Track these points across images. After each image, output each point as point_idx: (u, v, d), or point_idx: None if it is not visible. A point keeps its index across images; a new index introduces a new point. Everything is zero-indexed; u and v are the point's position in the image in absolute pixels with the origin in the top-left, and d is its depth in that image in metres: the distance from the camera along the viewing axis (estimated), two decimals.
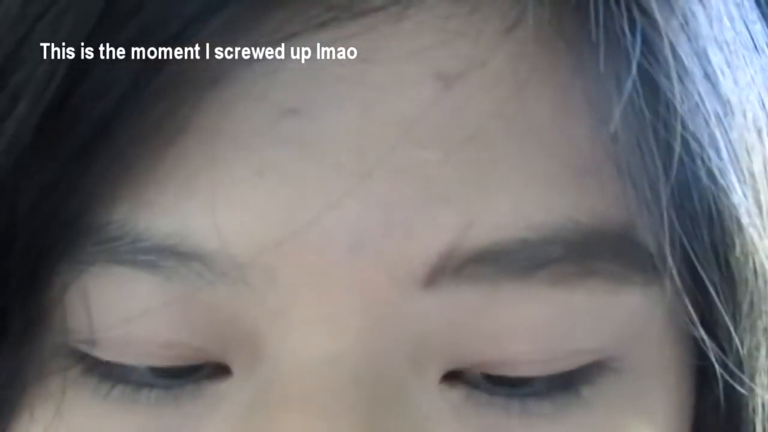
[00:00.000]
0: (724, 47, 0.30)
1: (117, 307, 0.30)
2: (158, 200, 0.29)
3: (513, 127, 0.29)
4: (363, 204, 0.28)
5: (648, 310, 0.30)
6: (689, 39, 0.29)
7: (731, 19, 0.31)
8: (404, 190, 0.28)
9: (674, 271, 0.29)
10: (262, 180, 0.28)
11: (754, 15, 0.33)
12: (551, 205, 0.29)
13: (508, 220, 0.29)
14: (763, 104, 0.32)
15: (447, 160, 0.28)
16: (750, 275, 0.31)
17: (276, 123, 0.28)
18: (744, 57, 0.31)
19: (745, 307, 0.31)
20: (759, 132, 0.31)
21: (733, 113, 0.30)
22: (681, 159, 0.29)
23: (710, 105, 0.29)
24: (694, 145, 0.29)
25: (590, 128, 0.29)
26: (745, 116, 0.31)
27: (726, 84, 0.30)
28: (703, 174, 0.29)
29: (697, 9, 0.30)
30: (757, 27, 0.33)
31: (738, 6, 0.32)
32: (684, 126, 0.29)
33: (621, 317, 0.30)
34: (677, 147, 0.29)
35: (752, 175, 0.30)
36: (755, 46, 0.32)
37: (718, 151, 0.29)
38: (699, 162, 0.29)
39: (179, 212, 0.29)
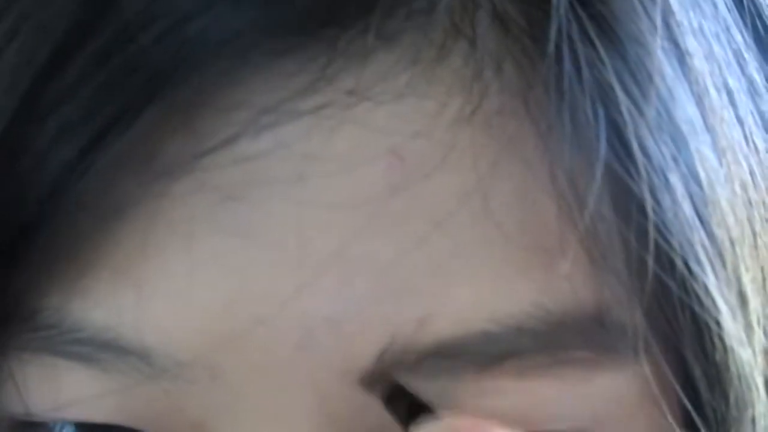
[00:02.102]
0: (715, 127, 0.28)
1: (50, 395, 0.28)
2: (93, 290, 0.27)
3: (475, 214, 0.27)
4: (311, 299, 0.27)
5: (625, 389, 0.28)
6: (665, 130, 0.27)
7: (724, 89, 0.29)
8: (356, 284, 0.27)
9: (646, 356, 0.28)
10: (201, 272, 0.27)
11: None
12: (517, 294, 0.27)
13: (469, 312, 0.27)
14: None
15: (403, 251, 0.27)
16: (733, 366, 0.28)
17: (215, 211, 0.27)
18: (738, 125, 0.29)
19: (731, 397, 0.29)
20: (748, 219, 0.29)
21: (714, 206, 0.28)
22: (657, 257, 0.27)
23: (687, 208, 0.27)
24: (665, 247, 0.27)
25: (556, 212, 0.27)
26: (732, 207, 0.28)
27: (709, 174, 0.28)
28: (677, 277, 0.27)
29: (679, 89, 0.28)
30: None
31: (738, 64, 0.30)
32: (658, 229, 0.27)
33: (594, 400, 0.28)
34: (651, 243, 0.27)
35: (735, 269, 0.28)
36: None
37: (695, 254, 0.27)
38: (674, 265, 0.27)
39: (114, 304, 0.27)
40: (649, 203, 0.26)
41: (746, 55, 0.30)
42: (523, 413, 0.28)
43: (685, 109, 0.27)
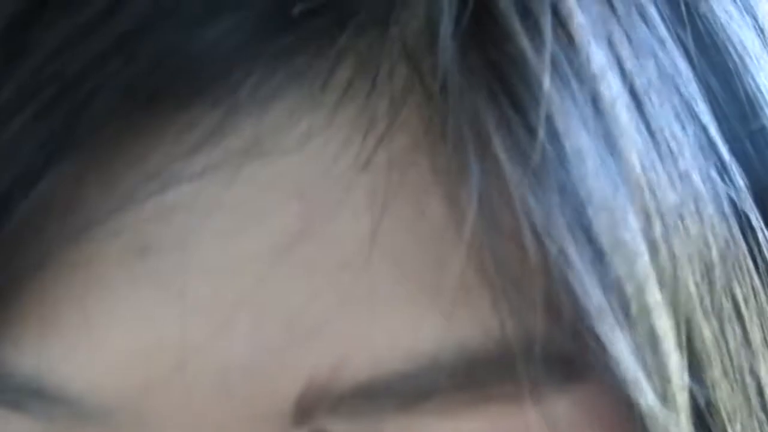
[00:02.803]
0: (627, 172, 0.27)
1: None
2: (21, 338, 0.28)
3: (385, 253, 0.27)
4: (225, 346, 0.27)
5: (557, 419, 0.28)
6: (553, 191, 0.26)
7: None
8: (269, 329, 0.27)
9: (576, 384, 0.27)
10: (120, 321, 0.27)
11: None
12: (431, 332, 0.27)
13: (386, 353, 0.27)
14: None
15: (314, 295, 0.27)
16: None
17: (129, 261, 0.27)
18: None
19: None
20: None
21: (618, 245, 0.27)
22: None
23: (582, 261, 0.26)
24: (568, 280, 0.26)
25: (473, 246, 0.26)
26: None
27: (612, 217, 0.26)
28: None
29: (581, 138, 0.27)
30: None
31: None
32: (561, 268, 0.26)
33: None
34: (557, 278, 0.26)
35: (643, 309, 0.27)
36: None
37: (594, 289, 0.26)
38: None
39: (41, 353, 0.28)
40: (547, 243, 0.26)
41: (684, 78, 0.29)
42: None
43: (584, 149, 0.26)
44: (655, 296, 0.27)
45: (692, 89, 0.29)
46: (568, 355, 0.27)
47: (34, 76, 0.26)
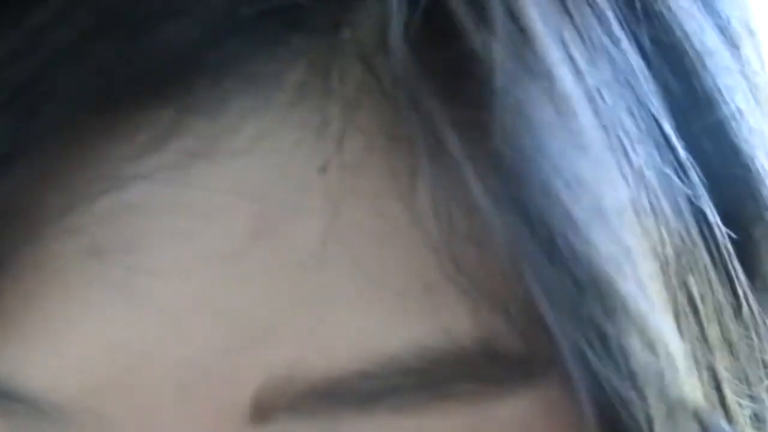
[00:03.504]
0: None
1: None
2: None
3: (342, 253, 0.27)
4: (181, 346, 0.27)
5: (520, 418, 0.28)
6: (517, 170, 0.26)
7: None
8: (223, 330, 0.27)
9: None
10: (77, 322, 0.27)
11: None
12: (392, 332, 0.27)
13: (342, 352, 0.27)
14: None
15: (270, 295, 0.27)
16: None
17: (85, 263, 0.27)
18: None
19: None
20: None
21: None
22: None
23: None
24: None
25: (423, 254, 0.27)
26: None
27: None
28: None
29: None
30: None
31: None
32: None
33: (483, 430, 0.28)
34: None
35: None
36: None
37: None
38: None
39: (3, 354, 0.28)
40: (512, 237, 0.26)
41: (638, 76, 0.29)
42: None
43: (541, 140, 0.26)
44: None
45: (647, 87, 0.29)
46: (521, 356, 0.27)
47: None
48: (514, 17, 0.27)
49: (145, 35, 0.26)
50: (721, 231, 0.30)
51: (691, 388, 0.28)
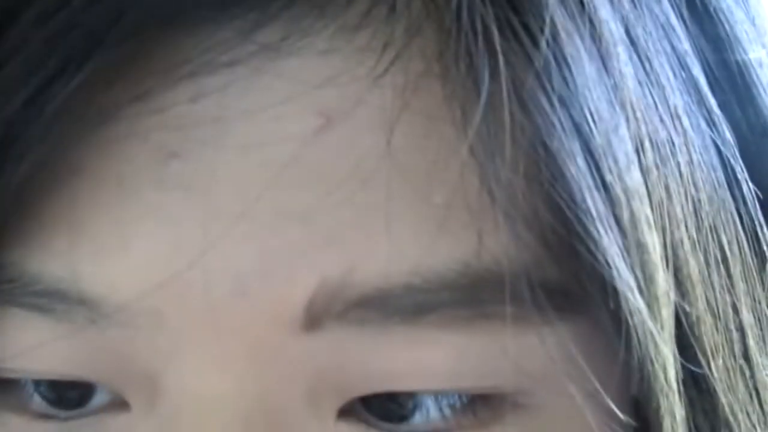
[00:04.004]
0: (618, 84, 0.29)
1: (10, 344, 0.30)
2: (50, 244, 0.29)
3: (396, 168, 0.28)
4: (242, 247, 0.28)
5: (558, 348, 0.29)
6: (566, 98, 0.28)
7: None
8: (284, 233, 0.28)
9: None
10: (145, 223, 0.28)
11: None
12: (438, 249, 0.28)
13: (391, 265, 0.28)
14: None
15: (328, 202, 0.28)
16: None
17: (158, 166, 0.28)
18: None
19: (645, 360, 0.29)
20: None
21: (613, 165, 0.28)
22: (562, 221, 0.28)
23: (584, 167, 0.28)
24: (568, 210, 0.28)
25: (478, 169, 0.28)
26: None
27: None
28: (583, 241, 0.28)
29: (581, 51, 0.28)
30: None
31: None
32: (564, 197, 0.28)
33: (523, 357, 0.29)
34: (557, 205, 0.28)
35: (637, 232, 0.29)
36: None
37: (592, 216, 0.28)
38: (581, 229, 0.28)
39: (69, 256, 0.29)
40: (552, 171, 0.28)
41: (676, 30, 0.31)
42: (446, 367, 0.29)
43: (585, 69, 0.28)
44: (645, 211, 0.28)
45: (686, 46, 0.31)
46: (562, 287, 0.29)
47: None
48: None
49: None
50: (749, 186, 0.32)
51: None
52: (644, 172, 0.29)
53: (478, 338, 0.29)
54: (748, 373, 0.31)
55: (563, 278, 0.29)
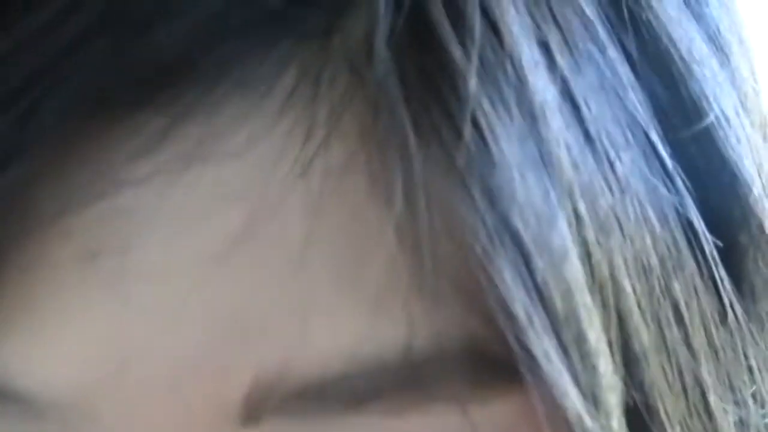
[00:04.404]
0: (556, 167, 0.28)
1: None
2: None
3: (325, 256, 0.27)
4: (173, 345, 0.28)
5: (506, 419, 0.29)
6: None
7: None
8: (215, 329, 0.28)
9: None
10: (73, 321, 0.28)
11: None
12: (374, 333, 0.27)
13: (329, 354, 0.27)
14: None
15: (259, 295, 0.27)
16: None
17: (79, 264, 0.28)
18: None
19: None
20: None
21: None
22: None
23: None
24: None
25: (406, 254, 0.27)
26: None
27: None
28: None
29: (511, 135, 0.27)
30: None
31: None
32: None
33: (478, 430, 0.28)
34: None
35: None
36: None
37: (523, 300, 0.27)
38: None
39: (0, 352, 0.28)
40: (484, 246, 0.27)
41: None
42: None
43: (514, 152, 0.27)
44: (584, 299, 0.27)
45: (634, 95, 0.30)
46: (504, 359, 0.28)
47: None
48: (493, 23, 0.27)
49: (138, 39, 0.27)
50: (707, 238, 0.30)
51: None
52: (584, 253, 0.27)
53: (421, 420, 0.28)
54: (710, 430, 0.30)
55: (505, 350, 0.27)
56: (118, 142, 0.27)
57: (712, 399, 0.30)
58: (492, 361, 0.28)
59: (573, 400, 0.27)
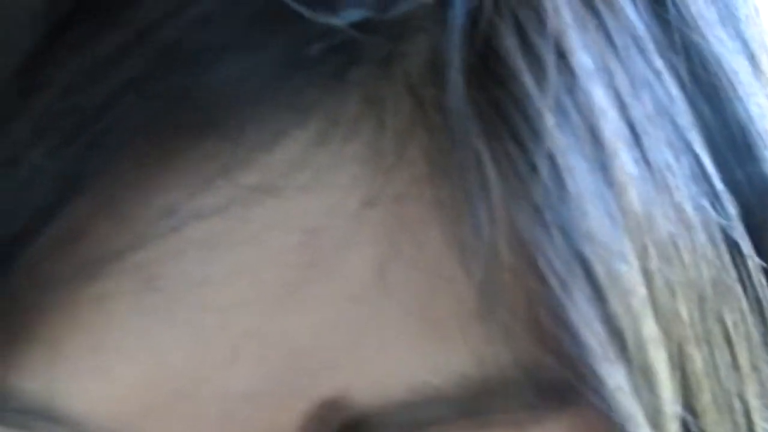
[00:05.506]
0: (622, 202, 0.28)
1: None
2: (28, 362, 0.28)
3: (387, 287, 0.27)
4: (229, 376, 0.27)
5: None
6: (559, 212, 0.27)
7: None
8: (272, 361, 0.27)
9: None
10: (128, 349, 0.27)
11: None
12: (436, 364, 0.27)
13: (389, 384, 0.27)
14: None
15: (319, 327, 0.27)
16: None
17: (139, 296, 0.27)
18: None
19: None
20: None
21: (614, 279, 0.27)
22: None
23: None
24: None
25: (470, 275, 0.27)
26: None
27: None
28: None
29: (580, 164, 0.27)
30: None
31: None
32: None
33: None
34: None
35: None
36: None
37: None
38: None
39: (47, 376, 0.28)
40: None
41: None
42: None
43: (586, 186, 0.27)
44: (651, 330, 0.27)
45: (686, 118, 0.30)
46: (564, 383, 0.28)
47: (48, 112, 0.27)
48: (564, 56, 0.27)
49: (209, 69, 0.26)
50: (753, 261, 0.30)
51: None
52: (648, 282, 0.28)
53: None
54: None
55: (566, 375, 0.28)
56: (185, 173, 0.27)
57: (757, 420, 0.31)
58: (552, 386, 0.28)
59: (642, 429, 0.27)
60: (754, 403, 0.30)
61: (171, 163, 0.27)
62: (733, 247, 0.30)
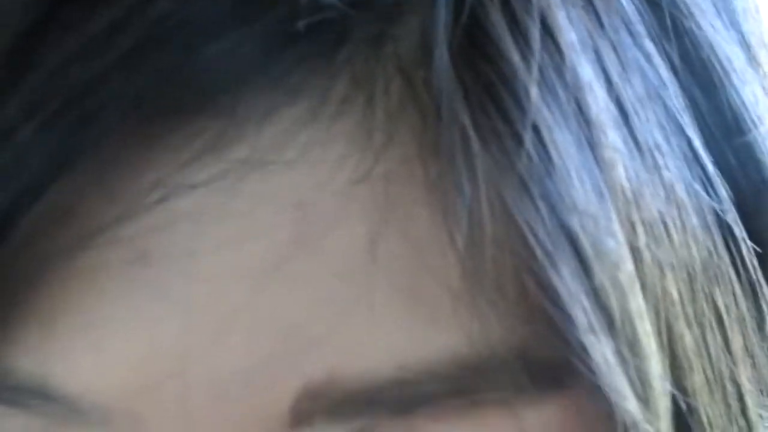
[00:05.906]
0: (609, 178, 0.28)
1: None
2: (21, 340, 0.28)
3: (378, 264, 0.27)
4: (220, 354, 0.27)
5: (552, 423, 0.29)
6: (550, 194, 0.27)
7: None
8: (265, 337, 0.27)
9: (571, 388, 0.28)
10: (121, 324, 0.28)
11: None
12: (425, 340, 0.28)
13: (379, 360, 0.27)
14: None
15: (310, 305, 0.27)
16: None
17: (130, 269, 0.27)
18: None
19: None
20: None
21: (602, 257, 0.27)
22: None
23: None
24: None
25: (456, 265, 0.27)
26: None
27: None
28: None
29: (567, 141, 0.27)
30: None
31: None
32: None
33: None
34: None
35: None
36: None
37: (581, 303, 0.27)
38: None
39: (41, 354, 0.28)
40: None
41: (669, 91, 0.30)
42: None
43: (572, 160, 0.27)
44: (638, 303, 0.27)
45: (677, 102, 0.30)
46: (554, 362, 0.28)
47: (39, 89, 0.27)
48: (550, 33, 0.28)
49: (199, 48, 0.27)
50: (746, 245, 0.31)
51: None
52: (636, 259, 0.28)
53: (469, 426, 0.28)
54: None
55: (555, 354, 0.28)
56: (175, 148, 0.27)
57: (749, 403, 0.31)
58: (542, 366, 0.28)
59: (630, 403, 0.27)
60: (748, 386, 0.30)
61: (161, 139, 0.27)
62: (726, 231, 0.30)
